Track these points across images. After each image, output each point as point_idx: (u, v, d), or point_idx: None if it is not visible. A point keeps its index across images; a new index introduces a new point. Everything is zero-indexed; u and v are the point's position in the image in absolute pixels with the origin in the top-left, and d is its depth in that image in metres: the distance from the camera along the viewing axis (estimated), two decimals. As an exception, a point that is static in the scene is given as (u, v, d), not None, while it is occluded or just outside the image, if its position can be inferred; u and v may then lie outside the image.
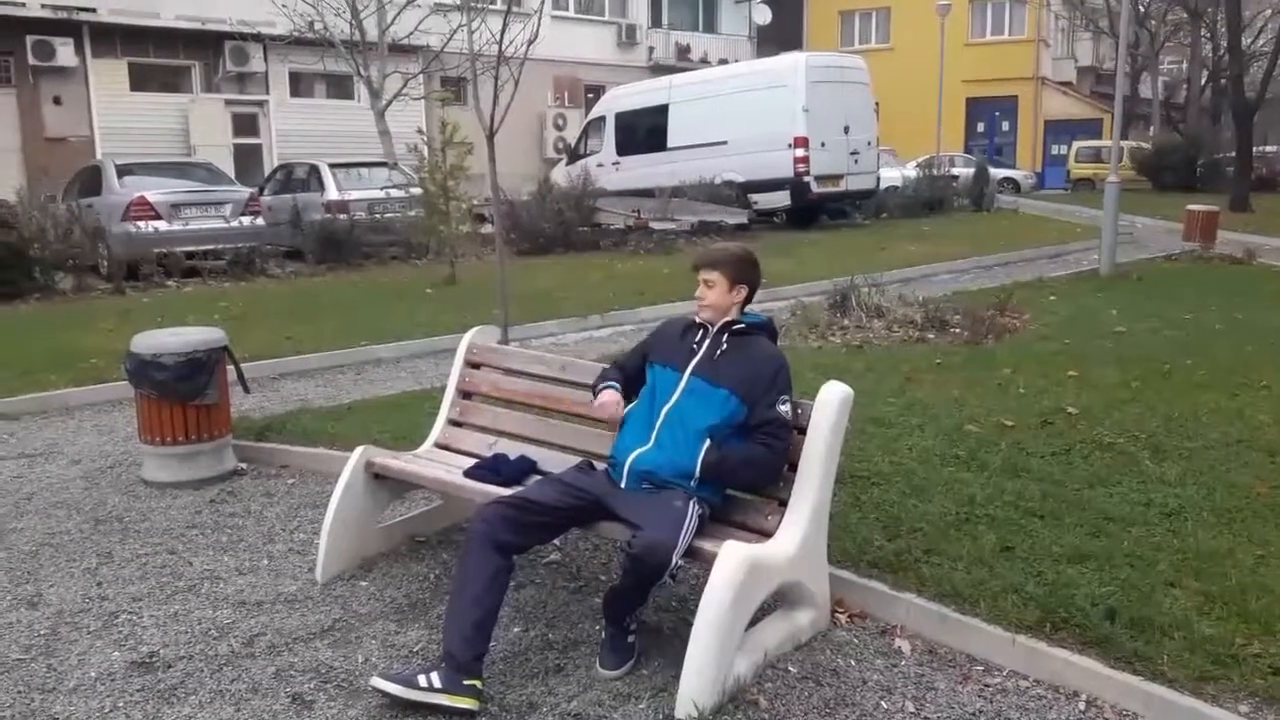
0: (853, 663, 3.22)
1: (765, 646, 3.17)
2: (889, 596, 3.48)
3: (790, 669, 3.17)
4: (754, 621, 3.14)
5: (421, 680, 2.89)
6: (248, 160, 21.35)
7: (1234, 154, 23.77)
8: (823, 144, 17.75)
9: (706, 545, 3.06)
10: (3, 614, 3.68)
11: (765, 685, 3.06)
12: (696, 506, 3.12)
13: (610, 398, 3.41)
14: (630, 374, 3.52)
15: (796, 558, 3.17)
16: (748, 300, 3.41)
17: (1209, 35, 34.24)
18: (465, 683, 2.91)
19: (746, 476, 3.33)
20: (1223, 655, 2.97)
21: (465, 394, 4.25)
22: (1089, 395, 5.85)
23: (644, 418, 3.34)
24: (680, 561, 2.99)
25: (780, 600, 3.36)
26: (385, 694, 2.91)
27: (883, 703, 3.00)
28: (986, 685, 3.08)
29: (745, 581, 2.94)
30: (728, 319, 3.36)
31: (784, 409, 3.24)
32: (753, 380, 3.25)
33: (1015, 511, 4.06)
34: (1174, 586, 3.38)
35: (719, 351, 3.33)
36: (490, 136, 6.85)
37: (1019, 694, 3.03)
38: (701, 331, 3.38)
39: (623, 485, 3.23)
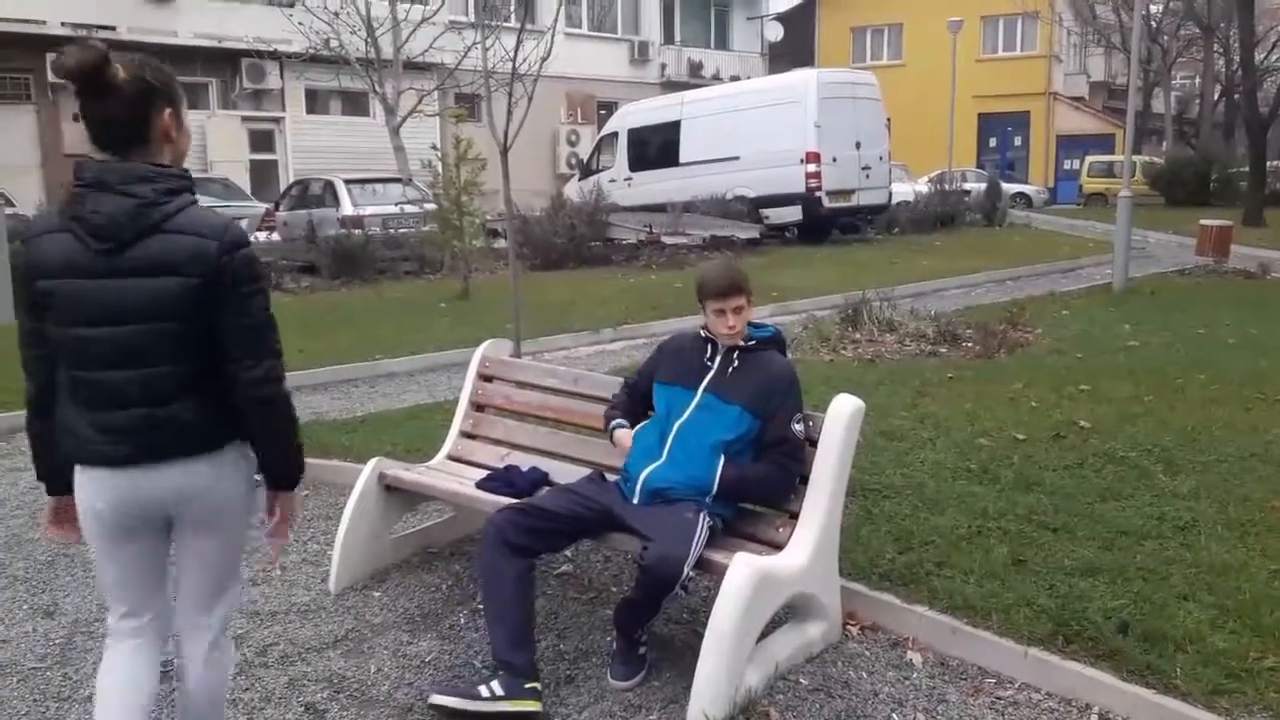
0: (864, 675, 3.22)
1: (776, 658, 3.18)
2: (901, 609, 3.48)
3: (801, 681, 3.17)
4: (765, 633, 3.15)
5: (483, 691, 2.90)
6: (264, 176, 21.53)
7: (1247, 169, 23.69)
8: (834, 159, 17.78)
9: (717, 557, 3.07)
10: (19, 623, 3.71)
11: (776, 697, 3.06)
12: (707, 519, 3.13)
13: (627, 439, 3.44)
14: (641, 394, 3.54)
15: (808, 570, 3.17)
16: None
17: (1222, 50, 34.15)
18: (526, 686, 2.93)
19: (762, 494, 3.37)
20: (1236, 669, 2.96)
21: (478, 406, 4.28)
22: (1101, 409, 5.84)
23: (655, 434, 3.35)
24: (691, 573, 3.00)
25: (791, 612, 3.36)
26: (446, 709, 2.91)
27: (894, 715, 2.99)
28: (998, 698, 3.07)
29: (756, 593, 2.95)
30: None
31: (798, 428, 3.26)
32: (765, 396, 3.26)
33: (1027, 525, 4.06)
34: (1187, 600, 3.37)
35: (731, 368, 3.34)
36: (504, 152, 6.90)
37: (1031, 707, 3.02)
38: (711, 348, 3.39)
39: (636, 502, 3.24)
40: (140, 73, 2.21)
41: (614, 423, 3.53)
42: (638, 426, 3.47)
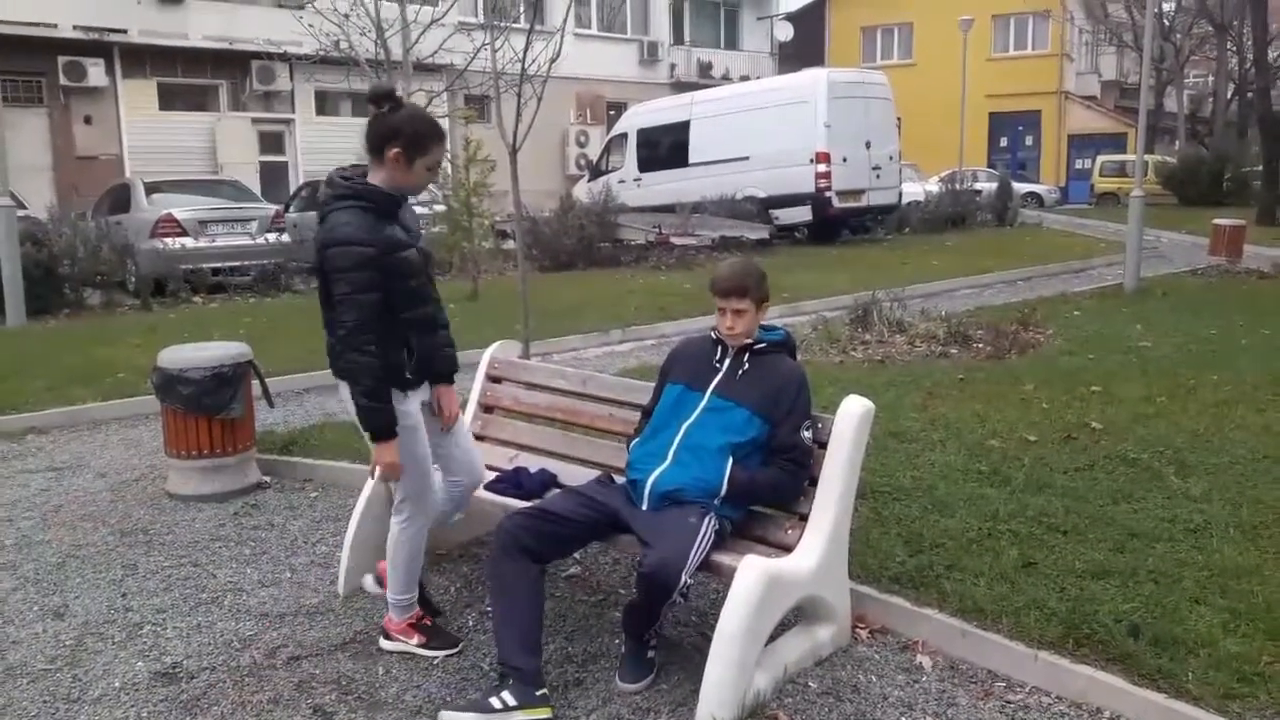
0: (873, 678, 3.21)
1: (785, 661, 3.17)
2: (910, 612, 3.46)
3: (810, 684, 3.15)
4: (774, 636, 3.14)
5: (495, 703, 2.88)
6: (274, 178, 21.58)
7: (1261, 168, 23.56)
8: (844, 159, 17.75)
9: (726, 559, 3.07)
10: (29, 624, 3.72)
11: (785, 700, 3.05)
12: (713, 522, 3.11)
13: None
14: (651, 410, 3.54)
15: (817, 572, 3.16)
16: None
17: (1235, 49, 33.97)
18: (537, 693, 2.93)
19: (769, 498, 3.37)
20: (1249, 673, 2.94)
21: (487, 408, 4.27)
22: (1113, 410, 5.81)
23: (660, 436, 3.34)
24: (689, 580, 2.98)
25: (801, 615, 3.35)
26: None
27: (903, 719, 2.98)
28: (1008, 702, 3.06)
29: (765, 596, 2.94)
30: (746, 340, 3.38)
31: (807, 435, 3.25)
32: (774, 400, 3.25)
33: (1038, 527, 4.04)
34: (1199, 603, 3.35)
35: (740, 371, 3.33)
36: (513, 153, 6.89)
37: (1041, 711, 3.00)
38: (721, 350, 3.39)
39: (645, 507, 3.22)
40: (400, 116, 3.11)
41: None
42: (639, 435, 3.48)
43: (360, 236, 3.02)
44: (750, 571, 2.94)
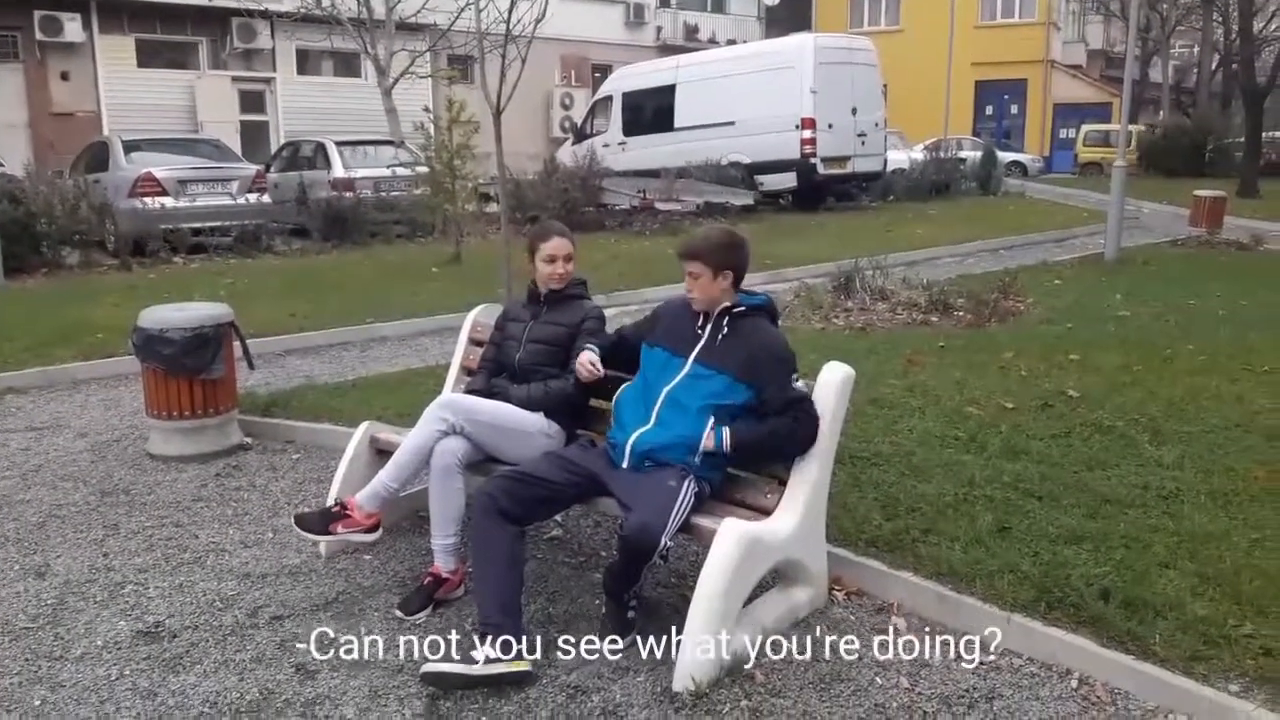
0: (849, 639, 3.26)
1: (763, 623, 3.21)
2: (886, 575, 3.52)
3: (787, 645, 3.21)
4: (752, 598, 3.18)
5: (477, 656, 2.93)
6: (254, 137, 21.34)
7: (1243, 139, 23.64)
8: (830, 126, 17.69)
9: (705, 522, 3.10)
10: (11, 583, 3.73)
11: (762, 660, 3.10)
12: (693, 485, 3.15)
13: (585, 356, 3.52)
14: (627, 348, 3.57)
15: (795, 536, 3.21)
16: (737, 281, 3.38)
17: (1221, 19, 33.93)
18: (517, 648, 2.98)
19: (774, 451, 3.31)
20: (1215, 636, 3.00)
21: (470, 371, 4.28)
22: (1090, 379, 5.87)
23: (642, 398, 3.37)
24: (669, 543, 3.02)
25: (778, 577, 3.40)
26: (442, 675, 2.92)
27: (878, 679, 3.04)
28: (980, 663, 3.12)
29: (743, 558, 2.98)
30: (725, 304, 3.38)
31: (800, 385, 3.28)
32: (753, 363, 3.27)
33: (1013, 492, 4.09)
34: (1169, 568, 3.41)
35: (720, 336, 3.34)
36: (497, 115, 6.85)
37: (1012, 671, 3.07)
38: (703, 316, 3.40)
39: (625, 465, 3.26)
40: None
41: (585, 345, 3.59)
42: (620, 389, 3.50)
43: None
44: (729, 534, 2.98)
